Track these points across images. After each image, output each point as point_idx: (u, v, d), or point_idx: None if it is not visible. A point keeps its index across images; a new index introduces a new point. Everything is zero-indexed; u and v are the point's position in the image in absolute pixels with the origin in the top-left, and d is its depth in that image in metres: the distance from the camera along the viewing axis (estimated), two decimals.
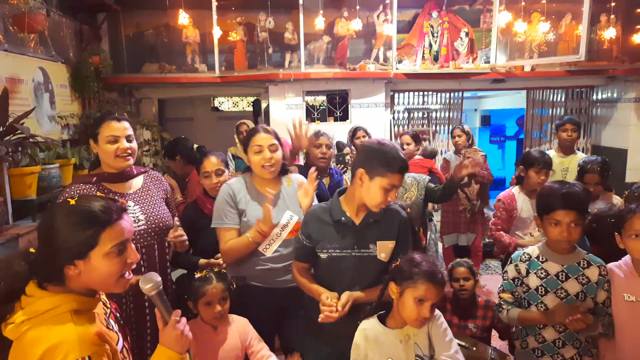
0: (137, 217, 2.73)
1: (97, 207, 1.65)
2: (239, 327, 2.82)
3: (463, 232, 5.84)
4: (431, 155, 5.81)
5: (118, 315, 1.88)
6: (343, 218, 2.50)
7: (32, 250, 1.67)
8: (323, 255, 2.54)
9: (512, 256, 2.82)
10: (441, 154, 8.39)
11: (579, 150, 6.00)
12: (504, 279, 2.82)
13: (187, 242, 2.91)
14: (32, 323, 1.54)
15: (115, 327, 1.77)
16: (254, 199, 2.95)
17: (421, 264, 2.23)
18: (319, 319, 2.37)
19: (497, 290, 2.87)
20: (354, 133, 5.46)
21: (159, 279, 1.78)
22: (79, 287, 1.64)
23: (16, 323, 1.54)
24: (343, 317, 2.40)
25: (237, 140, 6.02)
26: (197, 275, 2.78)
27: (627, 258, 2.64)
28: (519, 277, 2.72)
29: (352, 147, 5.68)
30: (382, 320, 2.37)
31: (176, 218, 2.99)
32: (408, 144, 5.51)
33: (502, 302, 2.78)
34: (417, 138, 5.47)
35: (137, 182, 2.87)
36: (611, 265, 2.68)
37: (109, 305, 1.83)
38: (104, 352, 1.58)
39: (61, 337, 1.51)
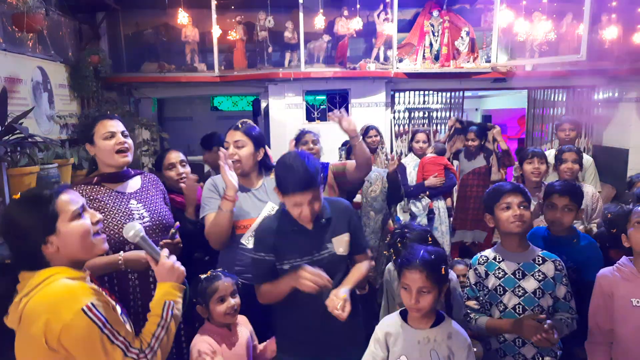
0: (142, 214, 2.76)
1: (42, 188, 1.89)
2: (244, 323, 2.82)
3: (470, 229, 5.83)
4: (443, 152, 5.82)
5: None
6: (296, 227, 2.50)
7: (7, 261, 1.87)
8: (286, 267, 2.51)
9: (470, 261, 2.83)
10: None
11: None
12: (465, 286, 2.81)
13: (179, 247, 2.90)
14: (29, 297, 1.68)
15: (109, 298, 1.89)
16: (241, 197, 3.01)
17: (403, 254, 2.32)
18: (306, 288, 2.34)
19: (462, 300, 2.82)
20: (365, 132, 5.45)
21: (140, 226, 2.04)
22: (63, 262, 1.80)
23: (14, 304, 1.71)
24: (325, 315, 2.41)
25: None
26: (203, 276, 2.67)
27: (625, 260, 2.59)
28: (480, 280, 2.72)
29: None
30: (404, 316, 2.37)
31: (177, 223, 2.93)
32: (425, 142, 5.57)
33: (469, 312, 2.74)
34: (429, 136, 5.74)
35: (135, 183, 2.91)
36: (605, 271, 2.63)
37: (100, 290, 1.93)
38: (105, 299, 1.77)
39: (60, 297, 1.66)
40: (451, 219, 5.82)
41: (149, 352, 1.80)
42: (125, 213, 2.70)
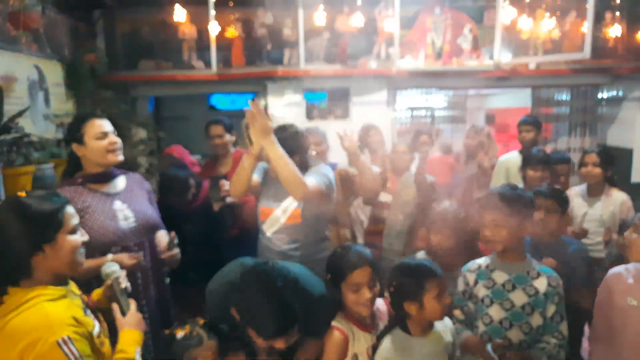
0: (127, 215, 2.76)
1: (48, 196, 1.89)
2: None
3: None
4: (449, 150, 5.71)
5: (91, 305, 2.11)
6: None
7: None
8: None
9: (462, 268, 2.71)
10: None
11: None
12: (455, 294, 2.68)
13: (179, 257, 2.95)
14: (9, 317, 1.71)
15: (92, 315, 1.98)
16: (268, 183, 3.25)
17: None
18: None
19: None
20: (366, 132, 5.37)
21: (119, 271, 2.19)
22: (46, 275, 1.83)
23: None
24: None
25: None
26: (179, 333, 2.32)
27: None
28: (467, 289, 2.60)
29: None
30: (405, 329, 2.32)
31: (173, 233, 2.97)
32: (428, 144, 5.48)
33: (454, 321, 2.62)
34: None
35: (120, 183, 2.90)
36: (616, 269, 2.60)
37: (84, 297, 2.05)
38: (82, 334, 1.79)
39: (37, 326, 1.69)
40: None
41: None
42: (109, 214, 2.69)
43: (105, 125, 2.75)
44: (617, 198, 3.92)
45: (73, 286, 2.05)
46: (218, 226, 4.01)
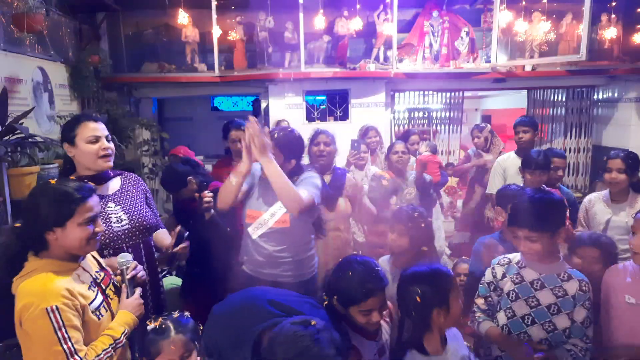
0: (120, 217, 2.71)
1: (73, 186, 2.10)
2: None
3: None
4: (435, 150, 5.84)
5: (109, 282, 2.31)
6: None
7: (17, 224, 2.13)
8: None
9: (492, 260, 2.70)
10: (441, 153, 8.36)
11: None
12: (480, 284, 2.70)
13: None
14: (20, 281, 1.98)
15: (97, 290, 2.17)
16: (261, 183, 3.12)
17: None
18: None
19: (475, 297, 2.74)
20: (365, 132, 5.45)
21: (132, 261, 2.37)
22: (60, 251, 2.06)
23: (14, 281, 2.01)
24: None
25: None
26: (150, 325, 2.33)
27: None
28: (494, 281, 2.60)
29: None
30: (422, 351, 2.22)
31: (178, 227, 2.94)
32: (419, 143, 5.57)
33: (475, 310, 2.65)
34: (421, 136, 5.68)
35: (115, 184, 2.84)
36: (614, 266, 2.66)
37: (100, 275, 2.26)
38: (73, 305, 1.98)
39: (33, 292, 1.93)
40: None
41: None
42: (102, 217, 2.59)
43: (99, 129, 2.65)
44: None
45: (92, 264, 2.25)
46: (218, 227, 3.95)
